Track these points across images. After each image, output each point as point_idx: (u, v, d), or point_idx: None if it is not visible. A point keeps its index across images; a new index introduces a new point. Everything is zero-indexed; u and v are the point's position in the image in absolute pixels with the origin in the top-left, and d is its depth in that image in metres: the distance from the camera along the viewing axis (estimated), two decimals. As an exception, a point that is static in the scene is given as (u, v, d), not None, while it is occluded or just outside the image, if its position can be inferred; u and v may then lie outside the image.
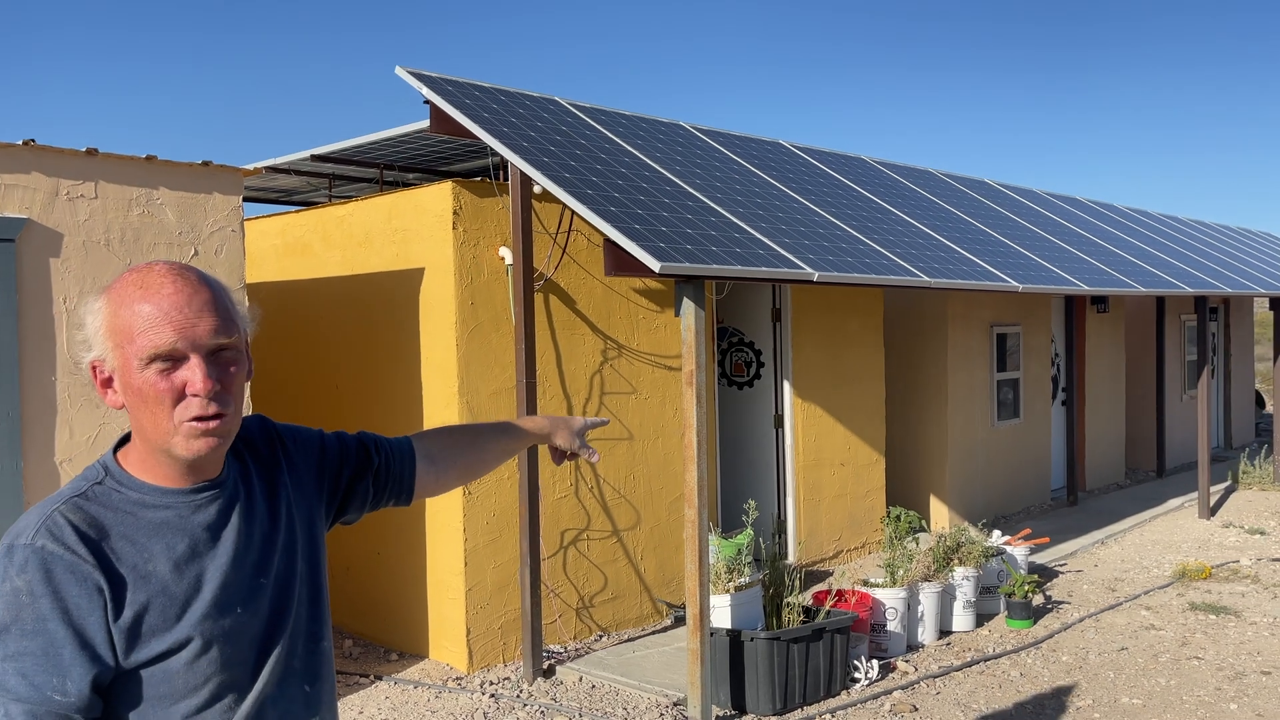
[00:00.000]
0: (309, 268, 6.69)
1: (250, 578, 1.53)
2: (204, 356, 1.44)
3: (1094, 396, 11.59)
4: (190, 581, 1.46)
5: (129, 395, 1.45)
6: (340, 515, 1.84)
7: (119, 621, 1.40)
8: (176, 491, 1.49)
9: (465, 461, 2.00)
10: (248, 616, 1.52)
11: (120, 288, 1.45)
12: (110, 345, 1.44)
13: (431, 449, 1.94)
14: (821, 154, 8.48)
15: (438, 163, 7.53)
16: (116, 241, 4.71)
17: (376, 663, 6.07)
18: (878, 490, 8.61)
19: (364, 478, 1.83)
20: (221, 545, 1.51)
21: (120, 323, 1.43)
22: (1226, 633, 6.37)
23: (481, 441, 2.03)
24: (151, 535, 1.45)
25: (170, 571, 1.45)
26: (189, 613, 1.45)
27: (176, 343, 1.42)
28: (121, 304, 1.43)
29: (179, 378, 1.43)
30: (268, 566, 1.57)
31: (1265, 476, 11.56)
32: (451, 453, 1.97)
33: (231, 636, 1.49)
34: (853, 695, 5.39)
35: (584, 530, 6.30)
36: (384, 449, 1.88)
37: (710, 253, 4.79)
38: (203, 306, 1.45)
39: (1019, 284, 6.86)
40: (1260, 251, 14.37)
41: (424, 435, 1.97)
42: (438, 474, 1.94)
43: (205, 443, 1.46)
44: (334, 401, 6.55)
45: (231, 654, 1.49)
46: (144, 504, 1.47)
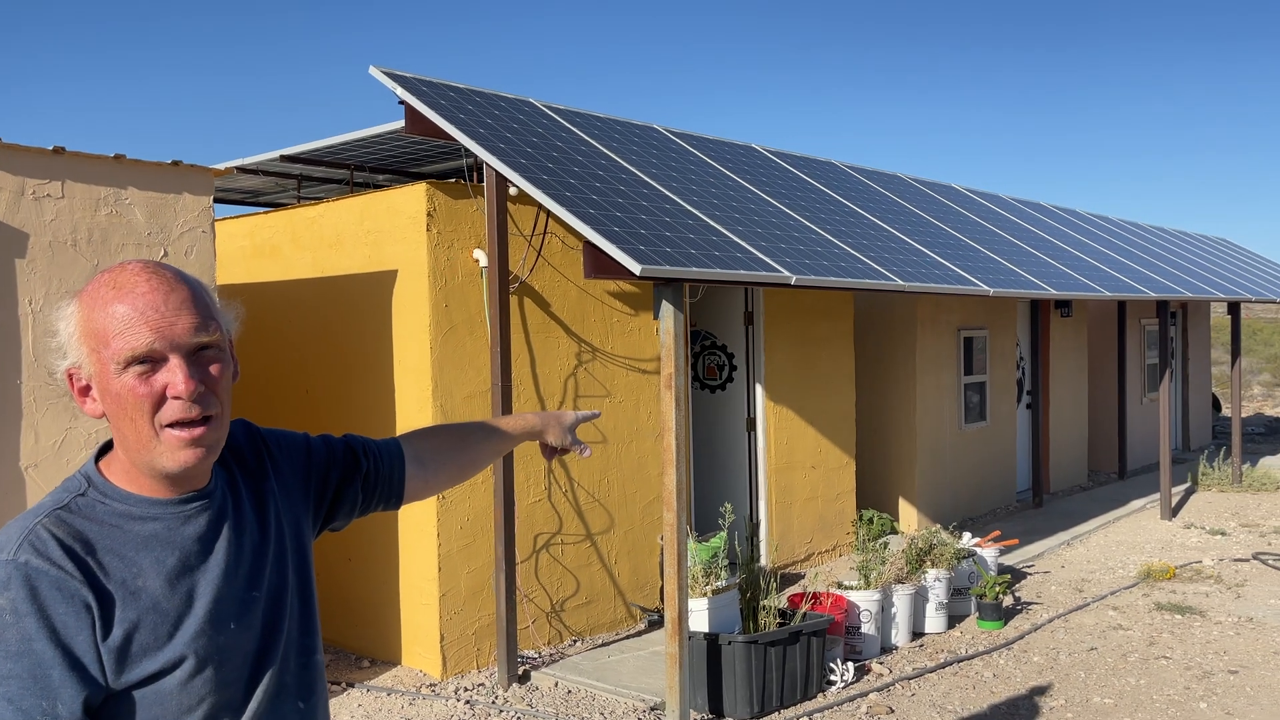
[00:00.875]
0: (278, 270, 6.60)
1: (243, 591, 1.47)
2: (184, 357, 1.37)
3: (1058, 399, 11.74)
4: (182, 597, 1.40)
5: (108, 402, 1.38)
6: (329, 522, 1.78)
7: (108, 641, 1.33)
8: (164, 502, 1.42)
9: (456, 463, 1.95)
10: (241, 632, 1.46)
11: (93, 290, 1.39)
12: (85, 350, 1.37)
13: (420, 451, 1.89)
14: (793, 158, 8.51)
15: (409, 164, 7.46)
16: (84, 242, 4.61)
17: (348, 670, 5.99)
18: (848, 493, 8.66)
19: (353, 483, 1.77)
20: (213, 558, 1.45)
21: (94, 326, 1.36)
22: (1193, 632, 6.47)
23: (472, 442, 1.98)
24: (140, 549, 1.38)
25: (161, 587, 1.38)
26: (181, 630, 1.38)
27: (154, 343, 1.35)
28: (95, 306, 1.37)
29: (159, 380, 1.36)
30: (259, 579, 1.51)
31: (1224, 478, 11.78)
32: (441, 454, 1.92)
33: (226, 654, 1.43)
34: (829, 698, 5.40)
35: (557, 534, 6.27)
36: (372, 452, 1.82)
37: (689, 255, 4.78)
38: (180, 304, 1.38)
39: (989, 288, 6.93)
40: (1217, 257, 14.65)
41: (411, 437, 1.91)
42: (427, 477, 1.89)
43: (193, 454, 1.39)
44: (306, 405, 6.46)
45: (226, 672, 1.43)
46: (130, 516, 1.40)
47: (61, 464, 4.49)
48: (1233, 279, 12.89)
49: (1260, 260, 16.82)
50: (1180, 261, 12.56)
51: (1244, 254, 16.82)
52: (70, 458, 4.52)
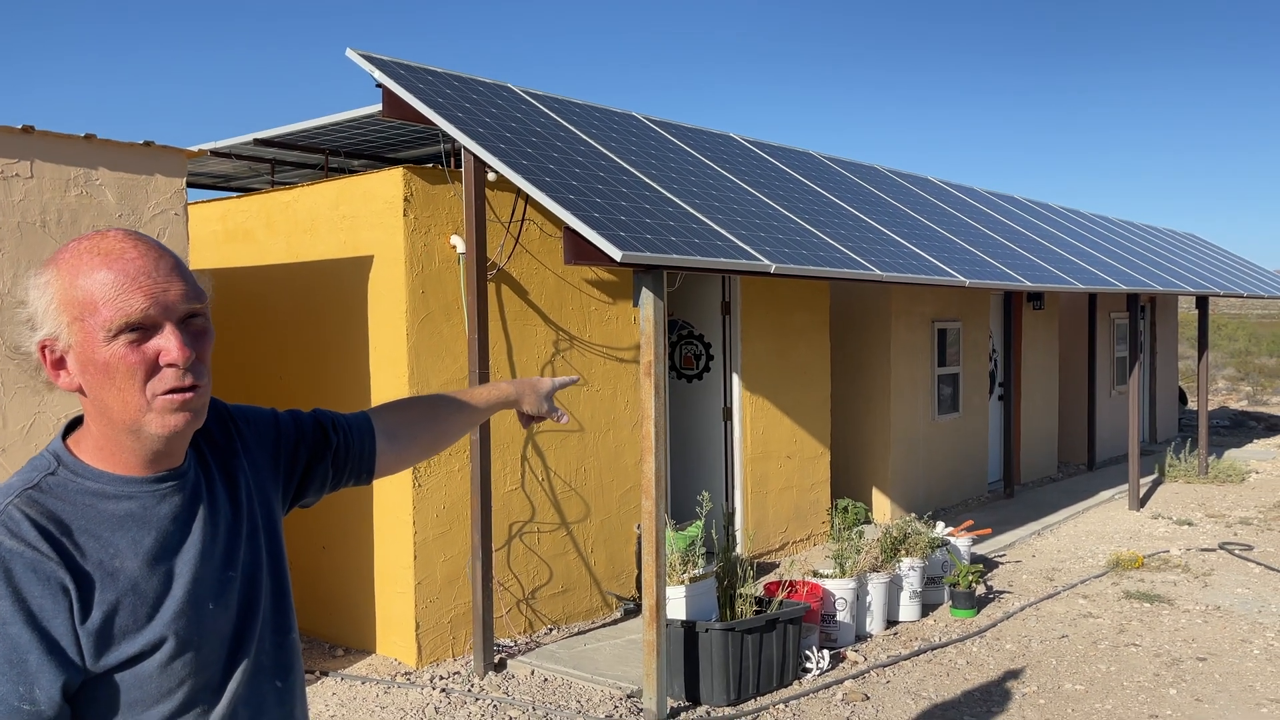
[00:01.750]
0: (252, 255, 6.51)
1: (219, 571, 1.44)
2: (176, 324, 1.33)
3: (1030, 391, 11.85)
4: (161, 578, 1.36)
5: (91, 373, 1.32)
6: (299, 498, 1.74)
7: (86, 624, 1.28)
8: (139, 480, 1.38)
9: (428, 436, 1.91)
10: (219, 612, 1.43)
11: (72, 257, 1.32)
12: (66, 320, 1.31)
13: (391, 425, 1.85)
14: (771, 148, 8.51)
15: (385, 149, 7.39)
16: (53, 223, 4.52)
17: (322, 658, 5.94)
18: (823, 483, 8.69)
19: (323, 459, 1.73)
20: (190, 538, 1.41)
21: (79, 294, 1.30)
22: (1161, 620, 6.56)
23: (443, 414, 1.94)
24: (115, 529, 1.34)
25: (139, 568, 1.34)
26: (161, 612, 1.35)
27: (149, 309, 1.31)
28: (78, 273, 1.31)
29: (152, 348, 1.32)
30: (235, 559, 1.48)
31: (1190, 469, 11.94)
32: (412, 428, 1.88)
33: (205, 635, 1.40)
34: (805, 685, 5.42)
35: (533, 523, 6.24)
36: (342, 427, 1.78)
37: (670, 243, 4.76)
38: (170, 271, 1.34)
39: (965, 279, 6.97)
40: (1186, 252, 14.84)
41: (382, 410, 1.87)
42: (399, 451, 1.85)
43: (181, 417, 1.35)
44: (279, 391, 6.38)
45: (206, 654, 1.40)
46: (104, 495, 1.35)
47: (30, 448, 4.41)
48: (1201, 274, 13.06)
49: (1227, 255, 17.06)
50: (1150, 256, 12.70)
51: (1211, 249, 17.05)
52: (39, 441, 4.44)
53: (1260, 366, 27.76)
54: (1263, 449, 14.45)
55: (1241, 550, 8.39)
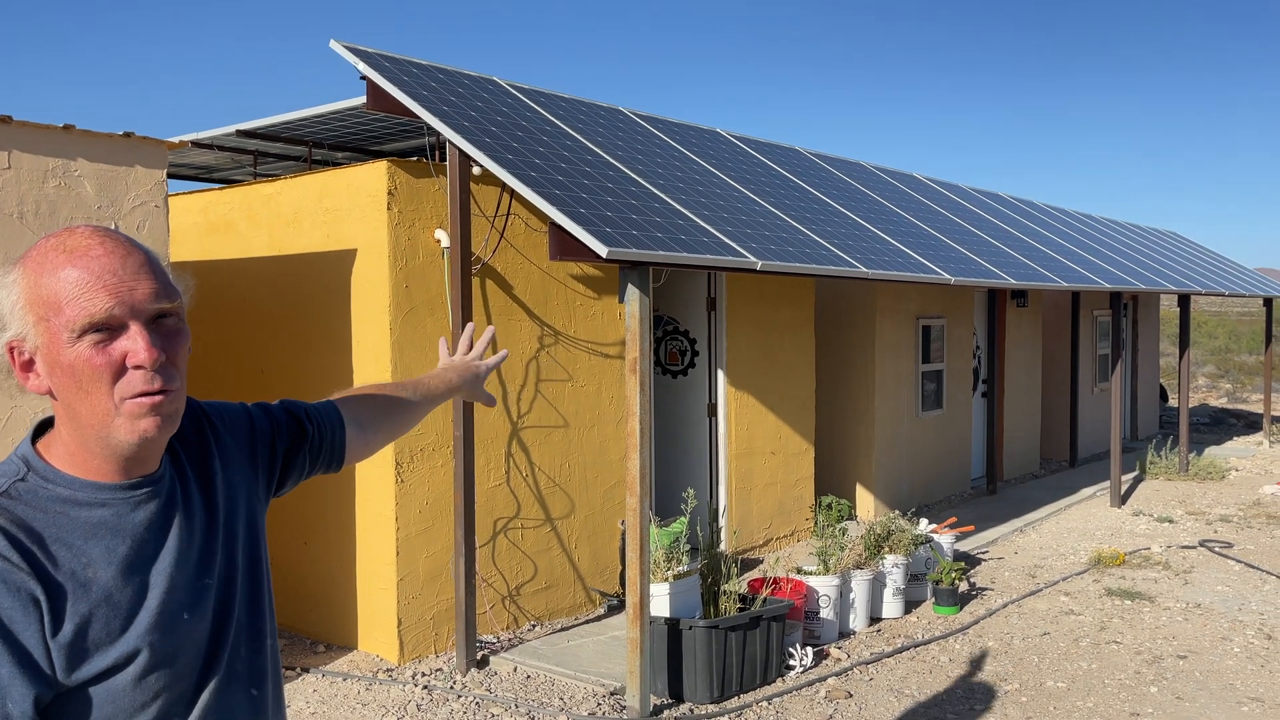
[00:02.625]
0: (234, 247, 6.45)
1: (194, 579, 1.40)
2: (145, 324, 1.28)
3: (1012, 388, 11.90)
4: (135, 589, 1.31)
5: (58, 376, 1.27)
6: (279, 489, 1.72)
7: (58, 636, 1.23)
8: (112, 487, 1.32)
9: (389, 425, 1.95)
10: (195, 622, 1.38)
11: (39, 255, 1.27)
12: (31, 320, 1.26)
13: (358, 414, 1.86)
14: (758, 144, 8.50)
15: (369, 142, 7.33)
16: (31, 215, 4.46)
17: (303, 655, 5.90)
18: (807, 479, 8.70)
19: (300, 449, 1.71)
20: (166, 547, 1.37)
21: (43, 293, 1.25)
22: (1142, 617, 6.59)
23: (401, 404, 1.98)
24: (88, 538, 1.29)
25: (113, 578, 1.29)
26: (135, 623, 1.30)
27: (114, 309, 1.25)
28: (42, 272, 1.26)
29: (118, 349, 1.26)
30: (210, 566, 1.43)
31: (1171, 467, 12.02)
32: (376, 417, 1.91)
33: (181, 646, 1.35)
34: (788, 682, 5.42)
35: (517, 519, 6.22)
36: (315, 418, 1.77)
37: (656, 239, 4.74)
38: (139, 268, 1.28)
39: (951, 276, 6.97)
40: (1168, 251, 14.92)
41: (346, 401, 1.87)
42: (366, 439, 1.87)
43: (151, 422, 1.29)
44: (260, 385, 6.33)
45: (181, 665, 1.35)
46: (76, 502, 1.30)
47: (6, 446, 4.35)
48: (1183, 272, 13.13)
49: (1208, 254, 17.17)
50: (1132, 254, 12.77)
51: (1193, 248, 17.16)
52: (15, 439, 4.38)
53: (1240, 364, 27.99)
54: (1242, 446, 14.56)
55: (1221, 548, 8.45)
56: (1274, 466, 12.74)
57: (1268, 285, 15.49)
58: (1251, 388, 23.42)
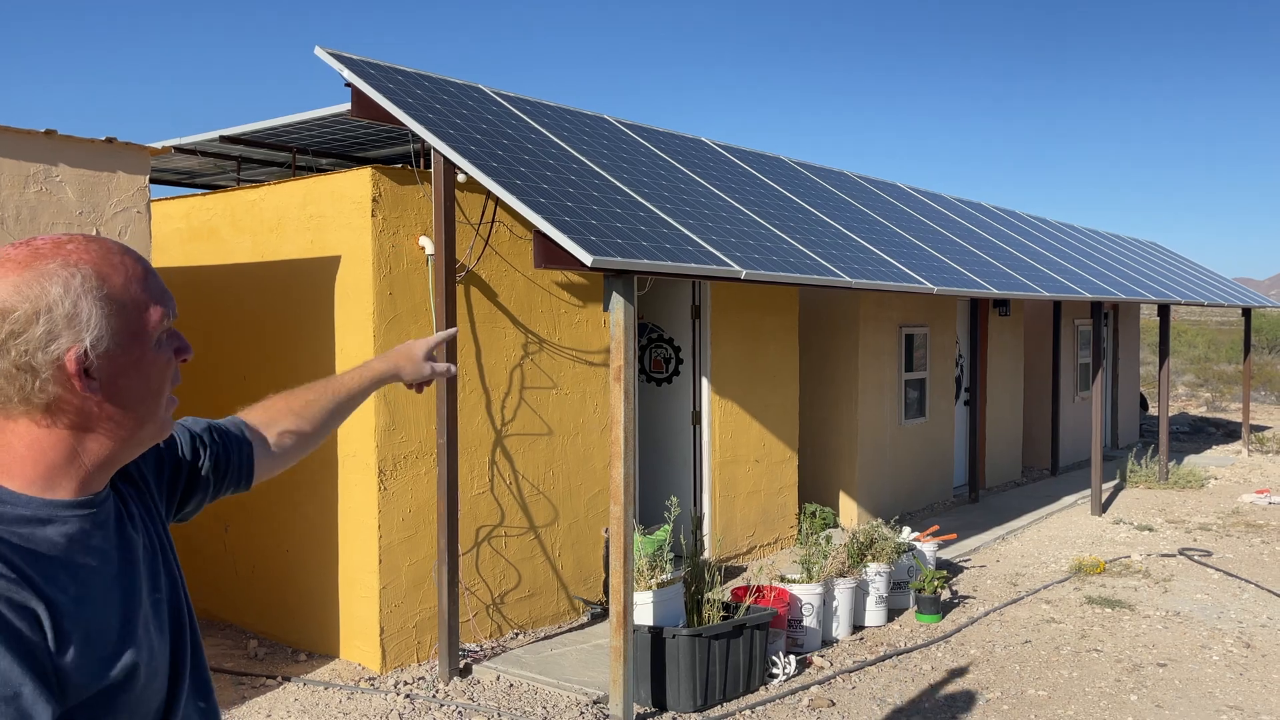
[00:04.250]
0: (216, 253, 6.42)
1: (150, 593, 1.39)
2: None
3: (995, 397, 11.96)
4: (116, 604, 1.30)
5: (131, 379, 1.26)
6: (180, 510, 1.68)
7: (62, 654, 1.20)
8: (70, 504, 1.28)
9: (302, 433, 1.86)
10: (159, 637, 1.38)
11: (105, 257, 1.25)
12: (117, 324, 1.23)
13: (263, 424, 1.81)
14: (742, 152, 8.52)
15: (354, 149, 7.31)
16: (12, 220, 4.42)
17: (284, 663, 5.86)
18: (790, 487, 8.71)
19: (200, 468, 1.67)
20: (128, 563, 1.36)
21: (129, 296, 1.25)
22: (1122, 625, 6.63)
23: (316, 406, 1.88)
24: (61, 557, 1.26)
25: (96, 595, 1.28)
26: (125, 638, 1.29)
27: (172, 313, 1.34)
28: (121, 275, 1.25)
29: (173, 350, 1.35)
30: (158, 580, 1.43)
31: (1151, 475, 12.11)
32: (284, 425, 1.84)
33: (156, 662, 1.35)
34: (771, 691, 5.42)
35: (500, 527, 6.20)
36: (220, 433, 1.73)
37: (641, 247, 4.75)
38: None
39: (934, 285, 7.01)
40: (1149, 261, 15.05)
41: (250, 412, 1.83)
42: (275, 455, 1.81)
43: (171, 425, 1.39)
44: (241, 393, 6.29)
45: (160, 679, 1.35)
46: (38, 520, 1.26)
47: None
48: (1163, 282, 13.24)
49: (1188, 264, 17.33)
50: (1113, 264, 12.87)
51: (1173, 258, 17.31)
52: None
53: (1219, 373, 28.23)
54: (1222, 455, 14.69)
55: (1201, 556, 8.51)
56: (1253, 475, 12.85)
57: (1246, 295, 15.64)
58: (1230, 397, 23.62)
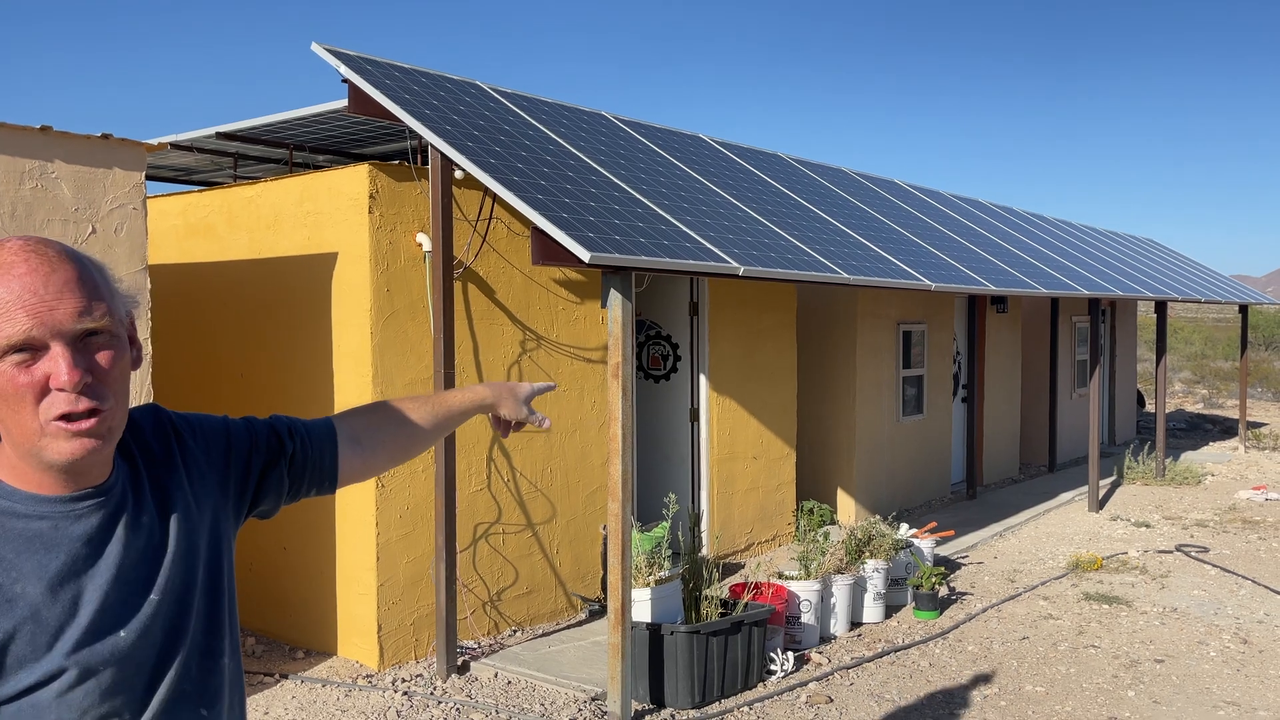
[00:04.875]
0: (213, 250, 6.41)
1: (135, 595, 1.35)
2: (68, 344, 1.24)
3: (992, 393, 11.97)
4: (65, 604, 1.28)
5: None
6: (254, 508, 1.65)
7: None
8: (53, 499, 1.29)
9: (396, 443, 1.81)
10: (133, 639, 1.34)
11: None
12: None
13: (356, 430, 1.76)
14: (740, 149, 8.52)
15: (351, 145, 7.30)
16: (7, 216, 4.41)
17: (281, 661, 5.86)
18: (788, 484, 8.71)
19: (276, 467, 1.64)
20: (103, 561, 1.33)
21: None
22: (1119, 622, 6.64)
23: (413, 420, 1.83)
24: (21, 551, 1.25)
25: (42, 594, 1.26)
26: (61, 640, 1.26)
27: (32, 330, 1.22)
28: None
29: (40, 370, 1.23)
30: (156, 583, 1.39)
31: (1148, 472, 12.12)
32: (379, 433, 1.78)
33: (113, 663, 1.31)
34: (769, 687, 5.42)
35: (498, 524, 6.20)
36: (299, 434, 1.69)
37: (638, 244, 4.74)
38: (63, 286, 1.24)
39: (931, 282, 7.01)
40: (1146, 258, 15.06)
41: (348, 415, 1.79)
42: (365, 457, 1.75)
43: (80, 444, 1.26)
44: (239, 390, 6.29)
45: (112, 683, 1.31)
46: (13, 514, 1.27)
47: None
48: (1160, 279, 13.25)
49: (1185, 261, 17.34)
50: (1111, 260, 12.87)
51: (1170, 254, 17.32)
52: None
53: (1216, 370, 28.28)
54: (1218, 451, 14.71)
55: (1198, 552, 8.52)
56: (1249, 471, 12.87)
57: (1243, 292, 15.66)
58: (1227, 393, 23.66)
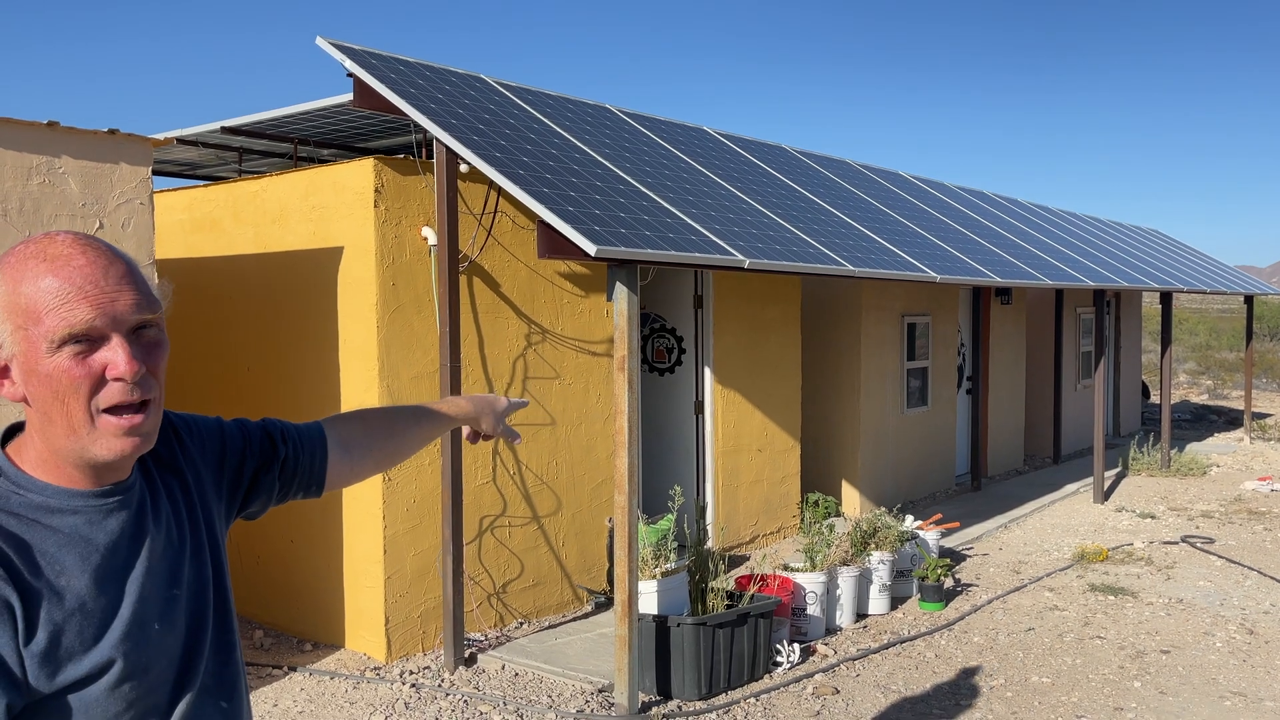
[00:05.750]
0: (218, 245, 6.42)
1: (164, 590, 1.39)
2: (125, 335, 1.27)
3: (997, 385, 11.96)
4: (110, 597, 1.30)
5: (34, 385, 1.26)
6: (244, 509, 1.68)
7: (31, 645, 1.22)
8: (85, 494, 1.31)
9: (382, 449, 1.85)
10: (166, 633, 1.37)
11: (18, 261, 1.26)
12: (10, 328, 1.25)
13: (345, 436, 1.78)
14: (744, 141, 8.51)
15: (356, 139, 7.30)
16: (15, 212, 4.42)
17: (290, 653, 5.88)
18: (793, 476, 8.72)
19: (269, 470, 1.67)
20: (139, 556, 1.35)
21: (23, 301, 1.24)
22: (1125, 613, 6.65)
23: (400, 428, 1.88)
24: (63, 546, 1.28)
25: (87, 586, 1.28)
26: (109, 632, 1.29)
27: (95, 320, 1.24)
28: (22, 279, 1.24)
29: (98, 361, 1.25)
30: (179, 577, 1.42)
31: (1153, 463, 12.11)
32: (367, 440, 1.81)
33: (153, 656, 1.34)
34: (775, 679, 5.44)
35: (504, 517, 6.21)
36: (291, 438, 1.71)
37: (644, 237, 4.75)
38: (120, 278, 1.27)
39: (937, 274, 7.01)
40: (1151, 249, 15.03)
41: (336, 421, 1.82)
42: (352, 463, 1.78)
43: (130, 443, 1.29)
44: (246, 385, 6.31)
45: (154, 676, 1.34)
46: (48, 508, 1.29)
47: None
48: (1165, 269, 13.23)
49: (1190, 251, 17.31)
50: (1116, 252, 12.85)
51: (1175, 245, 17.28)
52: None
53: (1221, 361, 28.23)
54: (1223, 442, 14.69)
55: (1203, 543, 8.52)
56: (1254, 462, 12.86)
57: (1249, 283, 15.63)
58: (1232, 384, 23.62)
